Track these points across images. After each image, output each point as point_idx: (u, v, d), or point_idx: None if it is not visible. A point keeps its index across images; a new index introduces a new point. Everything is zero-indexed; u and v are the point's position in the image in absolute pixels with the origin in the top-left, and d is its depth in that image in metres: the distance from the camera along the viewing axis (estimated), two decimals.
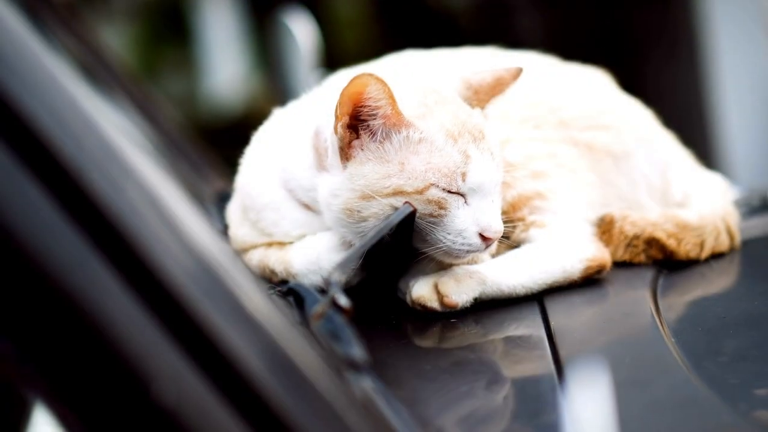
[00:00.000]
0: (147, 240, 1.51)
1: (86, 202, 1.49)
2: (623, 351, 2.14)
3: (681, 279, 2.51)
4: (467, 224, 2.24)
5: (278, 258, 2.41)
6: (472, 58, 2.75)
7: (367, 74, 2.15)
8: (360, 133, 2.22)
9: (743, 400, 1.87)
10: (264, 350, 1.55)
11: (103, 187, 1.52)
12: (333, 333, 1.87)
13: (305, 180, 2.35)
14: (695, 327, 2.29)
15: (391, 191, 2.21)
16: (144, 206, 1.54)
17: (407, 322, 2.35)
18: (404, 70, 2.58)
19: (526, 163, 2.51)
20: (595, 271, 2.44)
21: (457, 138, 2.23)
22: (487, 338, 2.30)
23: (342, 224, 2.27)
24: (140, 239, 1.51)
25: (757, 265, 2.69)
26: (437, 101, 2.28)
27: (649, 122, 2.81)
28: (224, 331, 1.52)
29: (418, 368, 2.13)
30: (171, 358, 1.48)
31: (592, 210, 2.56)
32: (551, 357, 2.09)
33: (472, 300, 2.33)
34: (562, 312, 2.34)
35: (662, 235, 2.55)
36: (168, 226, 1.55)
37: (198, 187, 3.58)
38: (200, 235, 1.59)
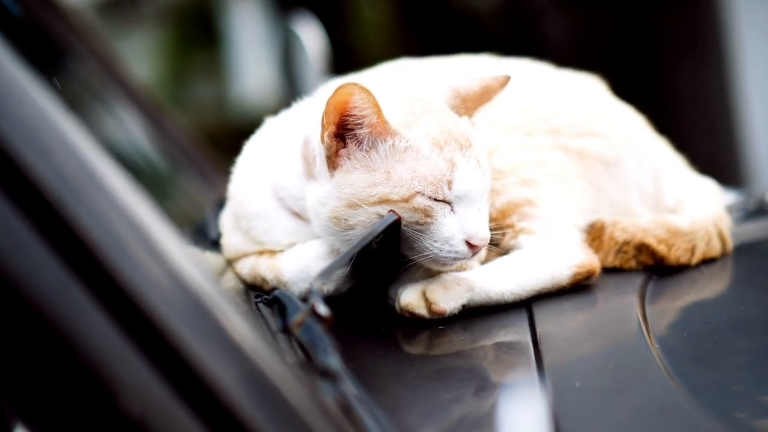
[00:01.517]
0: (119, 258, 1.54)
1: (61, 223, 1.53)
2: (607, 357, 2.15)
3: (671, 285, 2.52)
4: (453, 232, 2.26)
5: (269, 266, 2.43)
6: (465, 66, 2.77)
7: (351, 84, 2.17)
8: (347, 142, 2.24)
9: (723, 407, 1.88)
10: (237, 366, 1.58)
11: (72, 204, 1.55)
12: (310, 342, 1.89)
13: (295, 189, 2.37)
14: (681, 333, 2.30)
15: (377, 200, 2.23)
16: (119, 226, 1.57)
17: (396, 329, 2.36)
18: (394, 79, 2.61)
19: (515, 171, 2.52)
20: (583, 277, 2.45)
21: (443, 146, 2.25)
22: (473, 345, 2.31)
23: (330, 232, 2.29)
24: (114, 261, 1.54)
25: (748, 270, 2.70)
26: (424, 110, 2.30)
27: (641, 129, 2.81)
28: (198, 350, 1.54)
29: (403, 375, 2.14)
30: (142, 373, 1.51)
31: (582, 216, 2.57)
32: (535, 364, 2.11)
33: (460, 307, 2.34)
34: (550, 318, 2.35)
35: (652, 241, 2.56)
36: (145, 249, 1.58)
37: (202, 195, 3.61)
38: (179, 258, 1.62)
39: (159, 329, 1.55)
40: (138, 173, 3.12)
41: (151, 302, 1.55)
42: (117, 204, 1.59)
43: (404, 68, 2.78)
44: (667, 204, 2.75)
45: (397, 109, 2.29)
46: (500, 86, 2.40)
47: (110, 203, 1.59)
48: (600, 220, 2.57)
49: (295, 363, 1.89)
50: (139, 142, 3.72)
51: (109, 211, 1.59)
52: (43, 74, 3.00)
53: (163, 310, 1.55)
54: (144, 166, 3.41)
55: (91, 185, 1.60)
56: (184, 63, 10.93)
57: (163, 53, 10.89)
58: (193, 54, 10.99)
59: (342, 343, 2.26)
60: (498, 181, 2.48)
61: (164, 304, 1.57)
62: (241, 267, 2.51)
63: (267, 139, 2.54)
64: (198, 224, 2.87)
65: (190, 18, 11.00)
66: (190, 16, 11.01)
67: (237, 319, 1.65)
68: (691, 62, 7.25)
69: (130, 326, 1.54)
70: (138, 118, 3.78)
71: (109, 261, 1.55)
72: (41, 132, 1.58)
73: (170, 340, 1.55)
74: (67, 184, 1.56)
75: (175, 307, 1.57)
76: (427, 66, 2.78)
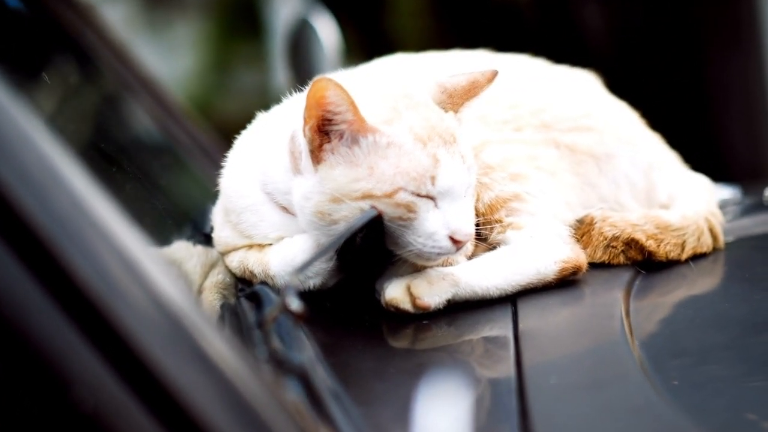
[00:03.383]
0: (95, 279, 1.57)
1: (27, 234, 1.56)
2: (585, 353, 2.16)
3: (658, 280, 2.52)
4: (437, 227, 2.27)
5: (257, 260, 2.46)
6: (461, 61, 2.78)
7: (326, 79, 2.19)
8: (331, 137, 2.26)
9: (696, 404, 1.88)
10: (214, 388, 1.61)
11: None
12: (280, 337, 1.91)
13: (282, 183, 2.39)
14: (662, 329, 2.30)
15: (360, 195, 2.24)
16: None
17: (381, 324, 2.37)
18: (382, 74, 2.62)
19: (504, 165, 2.52)
20: (570, 273, 2.45)
21: (427, 142, 2.26)
22: (456, 340, 2.32)
23: (314, 227, 2.31)
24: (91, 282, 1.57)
25: (738, 266, 2.69)
26: (408, 106, 2.30)
27: (634, 124, 2.81)
28: (170, 367, 1.58)
29: (382, 370, 2.16)
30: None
31: (572, 212, 2.57)
32: (514, 360, 2.11)
33: (445, 302, 2.35)
34: (534, 313, 2.36)
35: (641, 236, 2.55)
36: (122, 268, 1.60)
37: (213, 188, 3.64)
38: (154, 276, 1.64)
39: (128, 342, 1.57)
40: (148, 166, 3.17)
41: (124, 319, 1.58)
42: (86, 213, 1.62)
43: (399, 63, 2.79)
44: (660, 199, 2.74)
45: (380, 105, 2.30)
46: (487, 81, 2.40)
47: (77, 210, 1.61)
48: (589, 215, 2.57)
49: (265, 358, 1.91)
50: (151, 136, 3.76)
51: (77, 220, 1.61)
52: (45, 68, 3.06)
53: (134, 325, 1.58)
54: (154, 159, 3.45)
55: (61, 192, 1.62)
56: (228, 53, 10.96)
57: (206, 43, 10.91)
58: (236, 44, 11.01)
59: (325, 337, 2.29)
60: (487, 175, 2.49)
61: (136, 320, 1.59)
62: (230, 260, 2.53)
63: (257, 134, 2.56)
64: (195, 217, 2.90)
65: (233, 8, 11.03)
66: (233, 6, 11.04)
67: (213, 336, 1.66)
68: (729, 53, 7.19)
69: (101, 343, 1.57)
70: (151, 112, 3.81)
71: (84, 281, 1.57)
72: (28, 163, 1.61)
73: (144, 360, 1.58)
74: (33, 188, 1.59)
75: (149, 325, 1.60)
76: (421, 61, 2.79)
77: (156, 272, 1.63)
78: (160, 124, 3.84)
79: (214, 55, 10.75)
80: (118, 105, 3.70)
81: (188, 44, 10.85)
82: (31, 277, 1.55)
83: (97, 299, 1.57)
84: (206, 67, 10.73)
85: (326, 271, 2.38)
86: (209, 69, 10.68)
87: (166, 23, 10.82)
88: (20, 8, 3.13)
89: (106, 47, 3.66)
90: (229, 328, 2.18)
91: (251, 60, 11.00)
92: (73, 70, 3.28)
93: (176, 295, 1.64)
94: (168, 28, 10.83)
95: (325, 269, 2.38)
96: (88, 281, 1.57)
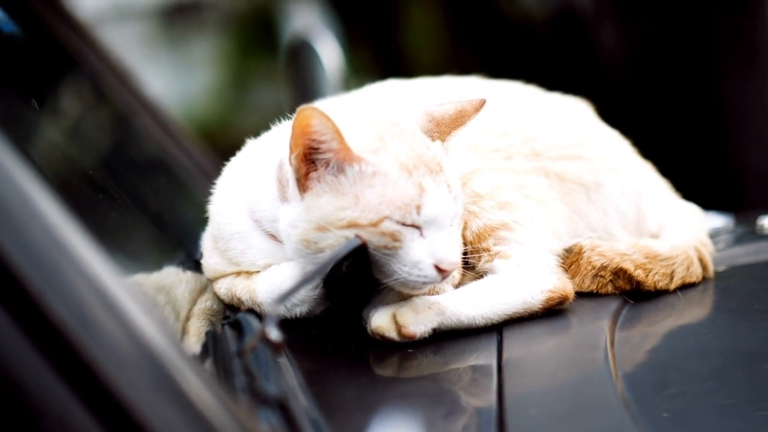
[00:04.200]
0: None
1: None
2: (567, 384, 2.16)
3: (646, 310, 2.52)
4: (422, 256, 2.27)
5: (244, 287, 2.46)
6: (453, 88, 2.78)
7: (311, 108, 2.20)
8: (317, 166, 2.27)
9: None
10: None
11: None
12: (256, 367, 1.92)
13: (269, 211, 2.40)
14: (646, 360, 2.30)
15: (345, 223, 2.24)
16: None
17: (368, 352, 2.37)
18: (369, 102, 2.63)
19: (493, 194, 2.53)
20: (556, 303, 2.46)
21: (413, 171, 2.26)
22: (440, 369, 2.32)
23: (301, 255, 2.32)
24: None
25: (726, 296, 2.68)
26: (394, 134, 2.31)
27: (625, 153, 2.81)
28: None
29: (364, 399, 2.16)
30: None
31: (560, 241, 2.58)
32: (496, 390, 2.12)
33: (431, 331, 2.35)
34: (520, 343, 2.36)
35: (630, 266, 2.55)
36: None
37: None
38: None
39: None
40: (143, 190, 3.17)
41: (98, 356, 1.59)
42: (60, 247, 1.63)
43: (390, 89, 2.80)
44: (650, 228, 2.74)
45: (366, 134, 2.30)
46: (475, 110, 2.41)
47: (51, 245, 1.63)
48: (578, 245, 2.57)
49: (242, 388, 1.92)
50: (149, 158, 3.77)
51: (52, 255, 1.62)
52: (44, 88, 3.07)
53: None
54: (151, 183, 3.45)
55: (35, 225, 1.63)
56: (245, 70, 11.00)
57: (224, 60, 10.96)
58: (254, 61, 11.05)
59: (310, 365, 2.29)
60: (475, 204, 2.49)
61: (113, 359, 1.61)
62: (219, 287, 2.54)
63: (246, 161, 2.57)
64: (188, 242, 2.91)
65: (251, 25, 11.07)
66: (251, 22, 11.08)
67: (193, 378, 1.67)
68: (745, 71, 7.19)
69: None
70: (151, 134, 3.82)
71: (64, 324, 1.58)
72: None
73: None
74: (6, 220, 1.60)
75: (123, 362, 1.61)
76: (413, 87, 2.80)
77: (131, 306, 1.65)
78: (159, 146, 3.85)
79: (232, 72, 10.79)
80: (116, 127, 3.71)
81: (206, 61, 10.90)
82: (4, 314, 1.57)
83: (70, 335, 1.58)
84: (224, 84, 10.77)
85: (313, 299, 2.39)
86: (227, 86, 10.73)
87: (184, 40, 10.87)
88: (16, 32, 3.14)
89: (106, 68, 3.68)
90: (212, 357, 2.19)
91: (269, 77, 11.03)
92: (71, 92, 3.30)
93: (151, 331, 1.65)
94: (186, 45, 10.88)
95: (311, 297, 2.38)
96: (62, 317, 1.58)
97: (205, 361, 2.20)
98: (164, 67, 10.88)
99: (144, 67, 10.78)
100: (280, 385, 1.91)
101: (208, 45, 10.98)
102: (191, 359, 1.74)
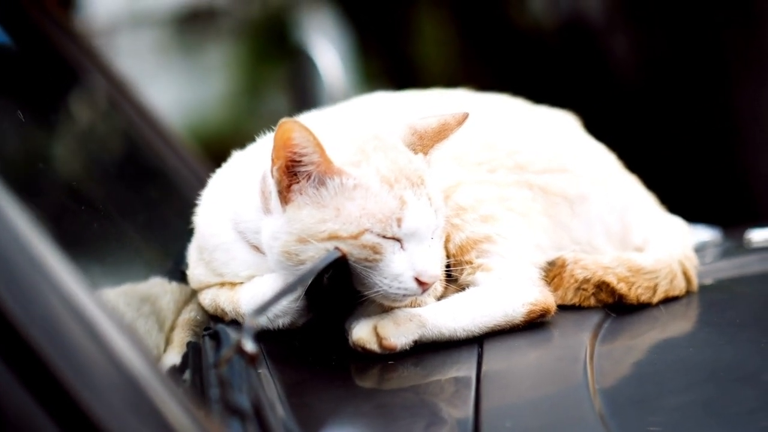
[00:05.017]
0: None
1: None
2: (544, 397, 2.18)
3: (628, 323, 2.53)
4: (402, 269, 2.28)
5: (227, 298, 2.48)
6: (439, 101, 2.79)
7: (291, 121, 2.22)
8: (299, 178, 2.28)
9: None
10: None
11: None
12: (229, 379, 1.93)
13: (253, 222, 2.41)
14: (624, 374, 2.31)
15: (326, 236, 2.26)
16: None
17: (349, 363, 2.38)
18: (352, 115, 2.64)
19: (476, 207, 2.54)
20: (538, 315, 2.46)
21: (394, 184, 2.27)
22: (419, 381, 2.32)
23: (283, 266, 2.33)
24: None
25: (709, 309, 2.69)
26: (376, 148, 2.32)
27: (610, 166, 2.82)
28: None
29: (341, 411, 2.18)
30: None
31: (543, 253, 2.59)
32: (473, 402, 2.13)
33: (412, 343, 2.36)
34: (500, 355, 2.37)
35: (612, 279, 2.56)
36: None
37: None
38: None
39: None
40: (132, 200, 3.19)
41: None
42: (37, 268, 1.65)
43: (377, 102, 2.81)
44: (635, 242, 2.75)
45: (348, 147, 2.32)
46: (458, 124, 2.42)
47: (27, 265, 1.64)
48: (561, 258, 2.58)
49: (216, 400, 1.93)
50: (145, 168, 3.79)
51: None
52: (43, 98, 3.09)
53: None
54: (142, 192, 3.47)
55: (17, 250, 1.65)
56: (259, 77, 11.02)
57: (239, 67, 10.99)
58: (267, 68, 11.07)
59: (290, 376, 2.30)
60: (458, 216, 2.50)
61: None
62: (203, 298, 2.55)
63: (231, 173, 2.58)
64: (177, 252, 2.92)
65: (265, 32, 11.10)
66: (265, 30, 11.10)
67: (170, 400, 1.69)
68: (757, 80, 7.17)
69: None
70: (148, 143, 3.84)
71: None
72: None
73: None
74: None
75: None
76: (400, 100, 2.81)
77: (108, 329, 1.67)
78: (156, 155, 3.87)
79: (246, 79, 10.82)
80: (115, 138, 3.73)
81: (220, 68, 10.92)
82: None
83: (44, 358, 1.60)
84: (237, 91, 10.80)
85: (295, 311, 2.40)
86: (240, 93, 10.75)
87: (198, 47, 10.90)
88: (9, 44, 3.17)
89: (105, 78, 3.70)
90: (191, 368, 2.21)
91: (282, 84, 11.05)
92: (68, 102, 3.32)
93: (129, 353, 1.67)
94: (200, 52, 10.91)
95: (293, 308, 2.39)
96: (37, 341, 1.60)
97: (185, 372, 2.22)
98: (178, 74, 10.91)
99: (158, 73, 10.83)
100: (253, 397, 1.92)
101: (221, 52, 11.01)
102: (168, 380, 1.75)
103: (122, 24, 10.61)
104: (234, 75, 10.93)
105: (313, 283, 2.29)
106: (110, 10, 10.50)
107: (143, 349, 1.75)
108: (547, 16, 8.25)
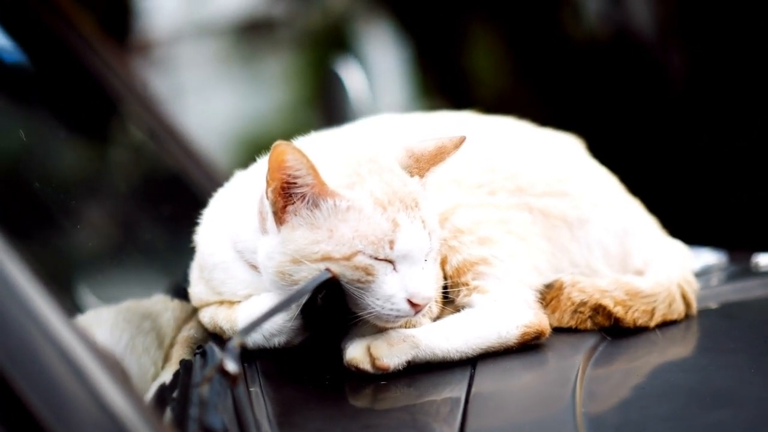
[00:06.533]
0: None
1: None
2: (529, 421, 2.18)
3: (622, 347, 2.53)
4: (395, 290, 2.30)
5: (225, 316, 2.51)
6: (444, 123, 2.81)
7: (285, 143, 2.25)
8: (294, 200, 2.31)
9: None
10: None
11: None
12: (208, 398, 1.96)
13: (250, 242, 2.44)
14: (611, 398, 2.31)
15: (319, 257, 2.28)
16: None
17: (343, 383, 2.40)
18: (349, 137, 2.67)
19: (473, 229, 2.55)
20: (532, 338, 2.47)
21: (387, 206, 2.30)
22: (409, 402, 2.33)
23: (277, 286, 2.36)
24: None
25: (706, 334, 2.68)
26: (371, 170, 2.35)
27: (611, 190, 2.82)
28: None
29: (328, 430, 2.20)
30: None
31: (541, 276, 2.59)
32: (459, 423, 2.14)
33: (405, 363, 2.38)
34: (492, 377, 2.38)
35: (609, 303, 2.56)
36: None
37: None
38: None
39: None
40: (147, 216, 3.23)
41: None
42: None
43: (383, 123, 2.83)
44: (635, 265, 2.75)
45: (342, 169, 2.34)
46: (455, 147, 2.43)
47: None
48: (559, 280, 2.59)
49: (194, 419, 1.96)
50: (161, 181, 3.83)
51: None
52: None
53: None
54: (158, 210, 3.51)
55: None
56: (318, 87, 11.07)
57: (297, 77, 11.07)
58: None
59: (282, 395, 2.33)
60: (456, 239, 2.52)
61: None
62: (203, 315, 2.59)
63: (231, 192, 2.62)
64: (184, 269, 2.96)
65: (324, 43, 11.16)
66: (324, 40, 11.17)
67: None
68: None
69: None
70: (169, 155, 3.88)
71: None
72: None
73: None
74: None
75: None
76: (405, 122, 2.83)
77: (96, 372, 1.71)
78: (178, 168, 3.91)
79: (304, 90, 10.88)
80: (138, 151, 3.77)
81: (279, 78, 11.00)
82: None
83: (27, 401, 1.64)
84: (296, 101, 10.87)
85: (291, 329, 2.42)
86: (299, 103, 10.82)
87: (258, 57, 10.99)
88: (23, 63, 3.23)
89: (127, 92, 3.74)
90: (180, 387, 2.24)
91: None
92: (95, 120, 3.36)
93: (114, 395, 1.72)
94: (260, 62, 11.00)
95: (289, 327, 2.42)
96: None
97: (174, 390, 2.25)
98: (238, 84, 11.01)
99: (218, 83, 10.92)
100: (233, 416, 1.94)
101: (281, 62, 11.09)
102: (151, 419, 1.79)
103: (183, 34, 10.72)
104: (293, 85, 11.01)
105: (307, 302, 2.32)
106: (171, 20, 10.62)
107: (126, 389, 1.78)
108: (600, 28, 8.22)
